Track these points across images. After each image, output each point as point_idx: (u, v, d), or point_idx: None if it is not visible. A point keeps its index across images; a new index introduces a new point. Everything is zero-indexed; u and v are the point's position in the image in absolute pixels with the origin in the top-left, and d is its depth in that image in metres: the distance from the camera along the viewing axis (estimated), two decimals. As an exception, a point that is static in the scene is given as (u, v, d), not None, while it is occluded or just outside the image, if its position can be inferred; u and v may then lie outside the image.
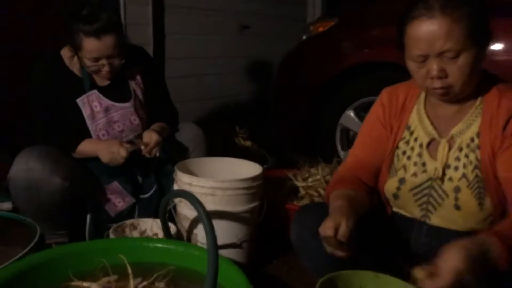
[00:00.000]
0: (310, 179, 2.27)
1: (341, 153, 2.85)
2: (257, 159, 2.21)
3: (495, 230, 1.18)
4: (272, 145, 3.18)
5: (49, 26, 2.45)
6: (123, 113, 1.97)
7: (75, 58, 1.88)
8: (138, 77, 2.04)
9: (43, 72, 1.91)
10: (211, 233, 1.15)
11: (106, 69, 1.83)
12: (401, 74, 1.61)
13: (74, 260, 1.49)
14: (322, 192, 2.21)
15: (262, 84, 4.32)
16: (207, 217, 1.21)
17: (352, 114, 2.79)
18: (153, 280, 1.42)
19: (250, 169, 1.96)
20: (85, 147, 1.88)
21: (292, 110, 3.04)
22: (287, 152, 3.16)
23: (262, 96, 4.23)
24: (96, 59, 1.80)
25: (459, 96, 1.34)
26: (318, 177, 2.26)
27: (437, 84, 1.28)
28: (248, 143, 3.00)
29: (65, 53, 1.92)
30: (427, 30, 1.25)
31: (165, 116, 2.09)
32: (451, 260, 1.07)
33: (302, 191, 2.23)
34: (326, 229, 1.25)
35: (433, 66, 1.26)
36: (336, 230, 1.25)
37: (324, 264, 1.35)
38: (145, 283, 1.41)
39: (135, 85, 2.03)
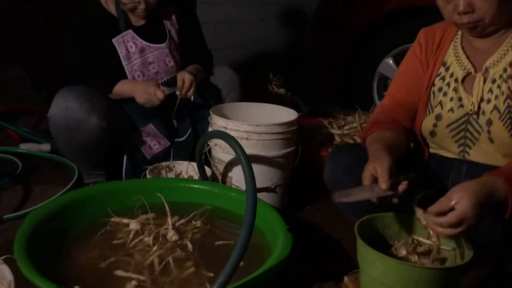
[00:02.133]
0: (346, 127, 2.22)
1: (378, 103, 2.77)
2: (291, 107, 2.17)
3: (504, 169, 1.18)
4: (306, 93, 3.12)
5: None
6: (158, 54, 1.95)
7: None
8: (173, 17, 2.01)
9: (79, 12, 1.89)
10: (248, 170, 1.14)
11: (142, 6, 1.80)
12: (441, 19, 1.53)
13: (113, 197, 1.53)
14: (358, 140, 2.16)
15: (296, 31, 4.19)
16: (244, 156, 1.19)
17: (391, 62, 2.69)
18: (190, 218, 1.44)
19: (285, 114, 1.92)
20: (122, 87, 1.88)
21: (328, 58, 2.95)
22: (321, 101, 3.10)
23: (296, 43, 4.11)
24: None
25: (489, 30, 1.32)
26: (355, 124, 2.21)
27: (465, 19, 1.28)
28: (282, 90, 2.95)
29: None
30: None
31: (200, 58, 2.06)
32: (459, 206, 1.07)
33: (337, 139, 2.19)
34: (364, 180, 1.23)
35: (460, 1, 1.25)
36: (375, 178, 1.22)
37: (359, 204, 1.34)
38: (182, 221, 1.44)
39: (170, 26, 2.00)
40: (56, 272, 1.18)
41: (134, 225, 1.40)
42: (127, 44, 1.90)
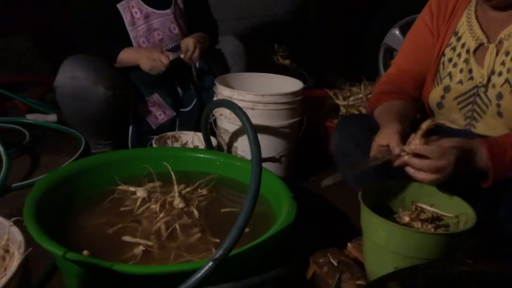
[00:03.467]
0: (351, 98, 2.22)
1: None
2: (296, 78, 2.16)
3: (492, 139, 1.19)
4: (312, 65, 3.10)
5: None
6: (163, 20, 1.94)
7: None
8: None
9: None
10: (253, 136, 1.15)
11: None
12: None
13: (120, 166, 1.54)
14: (363, 110, 2.16)
15: (302, 1, 4.12)
16: (249, 123, 1.20)
17: (397, 32, 2.65)
18: (196, 187, 1.46)
19: (290, 85, 1.92)
20: (127, 55, 1.87)
21: (334, 29, 2.92)
22: (327, 73, 3.07)
23: (302, 14, 4.05)
24: None
25: (505, 3, 1.28)
26: (360, 95, 2.21)
27: None
28: (287, 62, 2.93)
29: None
30: None
31: (205, 27, 2.05)
32: (443, 157, 1.11)
33: (342, 110, 2.20)
34: (372, 151, 1.24)
35: None
36: (388, 147, 1.21)
37: (365, 174, 1.35)
38: (188, 189, 1.45)
39: None
40: (64, 238, 1.20)
41: (141, 192, 1.41)
42: (132, 10, 1.89)
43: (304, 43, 3.24)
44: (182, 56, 1.87)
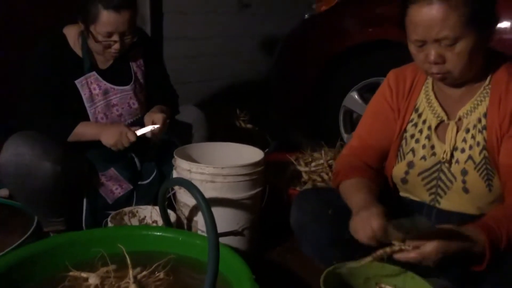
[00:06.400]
0: (313, 164, 2.22)
1: (345, 136, 2.79)
2: (259, 142, 2.17)
3: (486, 223, 1.19)
4: (274, 128, 3.12)
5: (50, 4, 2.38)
6: (122, 96, 1.91)
7: (80, 38, 1.82)
8: (140, 60, 1.97)
9: (42, 51, 1.82)
10: (210, 222, 1.11)
11: (116, 46, 1.76)
12: (406, 53, 1.54)
13: (72, 249, 1.46)
14: (325, 177, 2.16)
15: (263, 65, 4.24)
16: (206, 204, 1.17)
17: (356, 95, 2.72)
18: (153, 269, 1.38)
19: (251, 154, 1.90)
20: (85, 129, 1.81)
21: (294, 91, 2.97)
22: (289, 135, 3.10)
23: (263, 77, 4.15)
24: (110, 34, 1.73)
25: (458, 81, 1.32)
26: (321, 161, 2.21)
27: (435, 69, 1.26)
28: (249, 126, 2.94)
29: (69, 32, 1.85)
30: (424, 16, 1.21)
31: (165, 99, 2.03)
32: (431, 253, 1.12)
33: (305, 176, 2.19)
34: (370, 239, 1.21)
35: (431, 52, 1.24)
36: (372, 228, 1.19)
37: (324, 249, 1.34)
38: (144, 272, 1.38)
39: (137, 68, 1.96)
40: None
41: (93, 279, 1.33)
42: (90, 86, 1.86)
43: (266, 106, 3.27)
44: (149, 132, 1.82)
